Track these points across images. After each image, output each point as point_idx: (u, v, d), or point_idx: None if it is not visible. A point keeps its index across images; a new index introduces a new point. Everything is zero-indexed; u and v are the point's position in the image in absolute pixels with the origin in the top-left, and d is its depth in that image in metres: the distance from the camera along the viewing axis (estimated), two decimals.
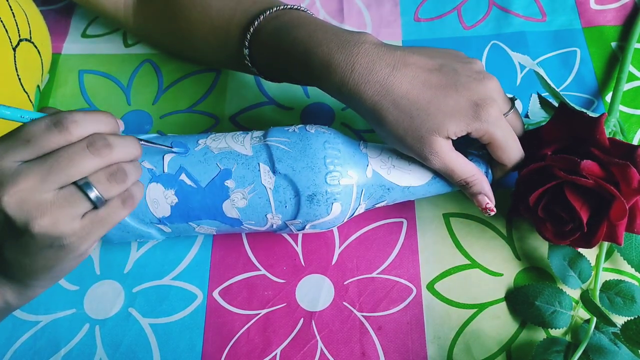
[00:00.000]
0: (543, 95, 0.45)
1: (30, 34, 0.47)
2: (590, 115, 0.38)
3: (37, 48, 0.48)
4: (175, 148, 0.38)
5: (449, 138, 0.36)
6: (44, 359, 0.42)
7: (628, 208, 0.36)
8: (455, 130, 0.36)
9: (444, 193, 0.42)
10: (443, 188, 0.41)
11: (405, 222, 0.46)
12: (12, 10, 0.44)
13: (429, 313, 0.43)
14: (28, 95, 0.47)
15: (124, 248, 0.46)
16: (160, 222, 0.38)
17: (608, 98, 0.50)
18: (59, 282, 0.44)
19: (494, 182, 0.41)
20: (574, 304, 0.41)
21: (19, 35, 0.45)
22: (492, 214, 0.39)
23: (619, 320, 0.37)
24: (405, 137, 0.36)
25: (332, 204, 0.38)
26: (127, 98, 0.53)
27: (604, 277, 0.42)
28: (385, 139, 0.39)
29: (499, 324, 0.42)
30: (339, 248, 0.45)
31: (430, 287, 0.43)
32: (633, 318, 0.36)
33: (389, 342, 0.42)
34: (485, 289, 0.43)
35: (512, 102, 0.39)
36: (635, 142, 0.48)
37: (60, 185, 0.29)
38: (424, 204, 0.46)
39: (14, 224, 0.28)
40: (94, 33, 0.57)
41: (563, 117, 0.39)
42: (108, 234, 0.39)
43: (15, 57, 0.44)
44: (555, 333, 0.41)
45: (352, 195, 0.38)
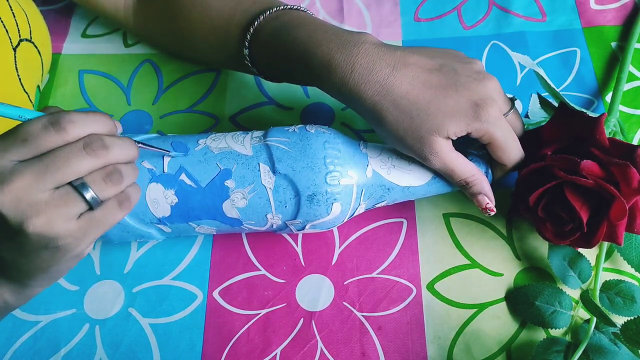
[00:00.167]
0: (543, 95, 0.45)
1: (31, 34, 0.47)
2: (590, 115, 0.38)
3: (37, 48, 0.48)
4: (173, 152, 0.37)
5: (449, 138, 0.36)
6: (44, 359, 0.42)
7: (628, 208, 0.36)
8: (455, 131, 0.36)
9: (444, 193, 0.42)
10: (443, 188, 0.41)
11: (405, 222, 0.46)
12: (12, 11, 0.44)
13: (429, 313, 0.43)
14: (28, 95, 0.47)
15: (124, 248, 0.46)
16: (160, 222, 0.38)
17: (608, 98, 0.50)
18: (59, 282, 0.44)
19: (494, 182, 0.41)
20: (574, 304, 0.41)
21: (19, 36, 0.45)
22: (492, 214, 0.39)
23: (619, 320, 0.37)
24: (405, 137, 0.36)
25: (332, 204, 0.38)
26: (127, 98, 0.53)
27: (604, 277, 0.42)
28: (385, 139, 0.39)
29: (499, 324, 0.42)
30: (339, 248, 0.45)
31: (430, 287, 0.43)
32: (633, 318, 0.36)
33: (389, 342, 0.42)
34: (485, 289, 0.43)
35: (512, 102, 0.39)
36: (635, 142, 0.48)
37: (56, 185, 0.28)
38: (424, 204, 0.46)
39: (9, 224, 0.28)
40: (94, 33, 0.57)
41: (563, 117, 0.39)
42: (108, 234, 0.39)
43: (16, 57, 0.45)
44: (555, 333, 0.41)
45: (352, 195, 0.38)
